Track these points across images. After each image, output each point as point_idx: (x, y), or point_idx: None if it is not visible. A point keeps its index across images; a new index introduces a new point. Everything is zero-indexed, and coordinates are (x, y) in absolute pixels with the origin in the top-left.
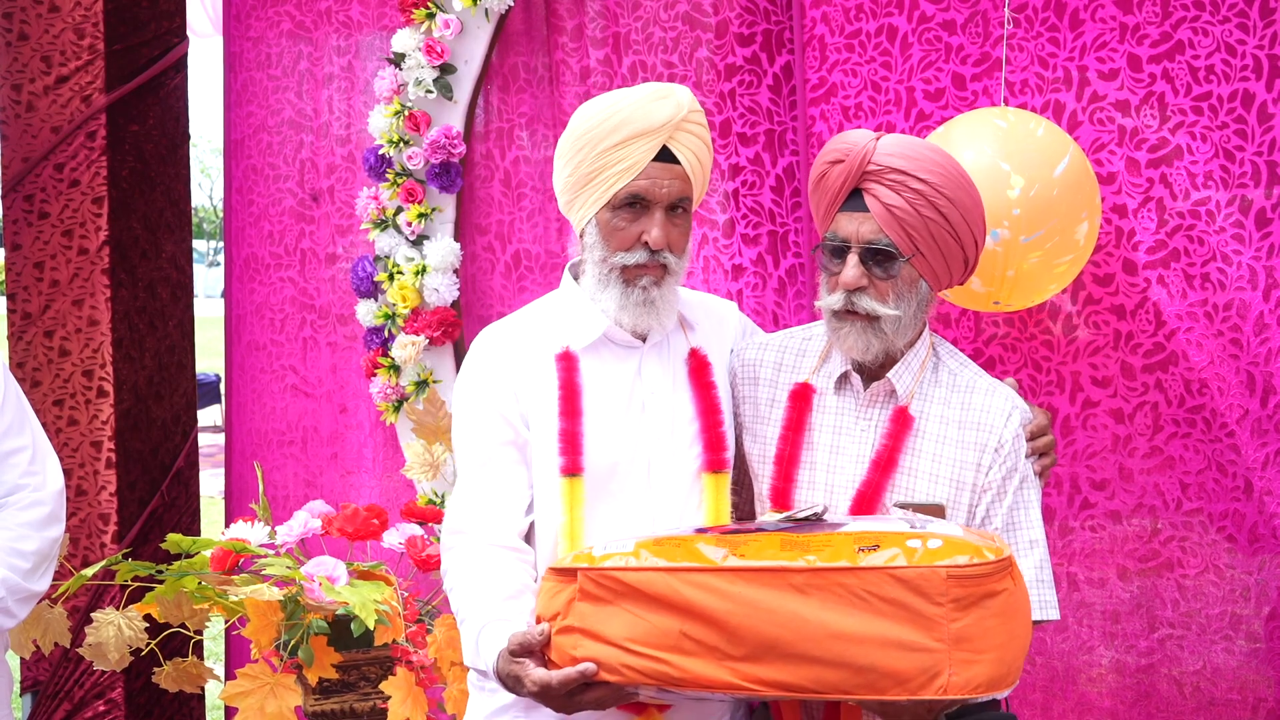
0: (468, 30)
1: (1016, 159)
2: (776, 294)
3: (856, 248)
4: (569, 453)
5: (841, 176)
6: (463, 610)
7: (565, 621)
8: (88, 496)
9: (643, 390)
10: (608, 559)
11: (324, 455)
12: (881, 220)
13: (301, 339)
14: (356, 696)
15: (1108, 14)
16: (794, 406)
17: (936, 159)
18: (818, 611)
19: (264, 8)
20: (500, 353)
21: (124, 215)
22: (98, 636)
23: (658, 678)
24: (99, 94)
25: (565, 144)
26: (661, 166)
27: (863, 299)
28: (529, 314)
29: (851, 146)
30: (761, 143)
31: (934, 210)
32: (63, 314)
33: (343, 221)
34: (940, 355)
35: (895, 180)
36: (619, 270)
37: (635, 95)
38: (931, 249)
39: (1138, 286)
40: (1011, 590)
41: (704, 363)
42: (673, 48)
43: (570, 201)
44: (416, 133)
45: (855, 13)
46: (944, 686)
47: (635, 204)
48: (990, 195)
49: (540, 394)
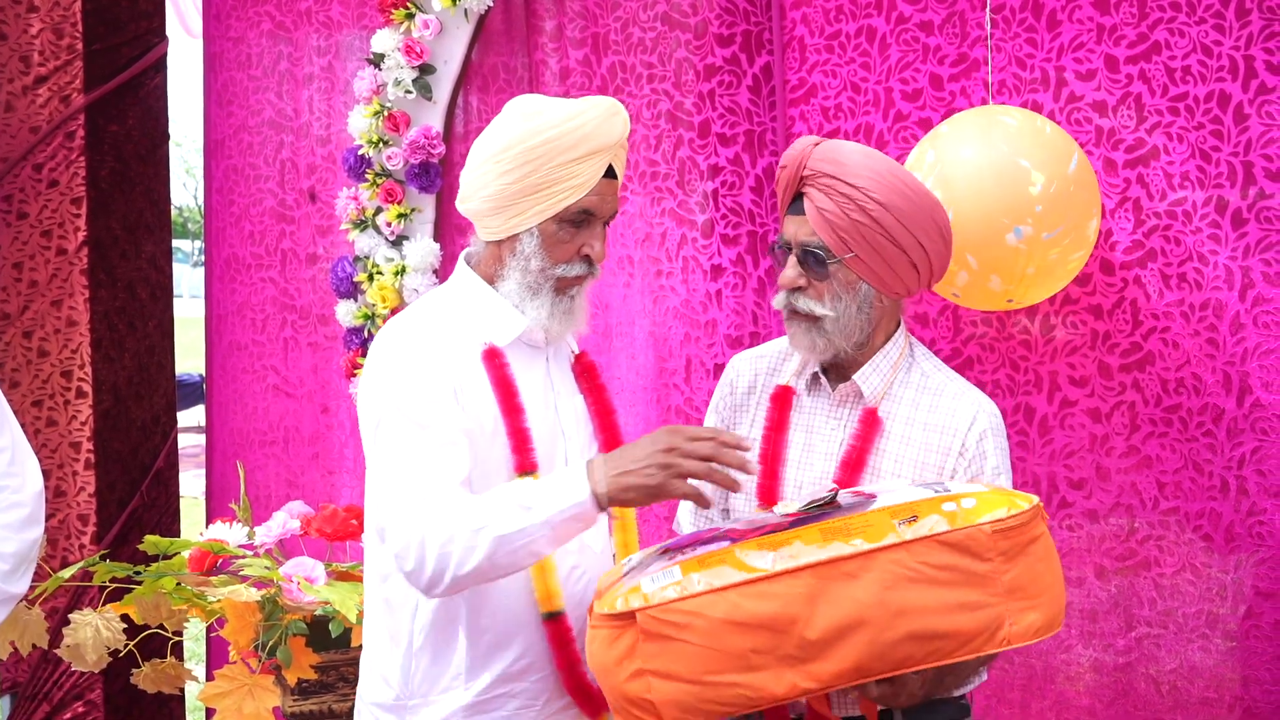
0: (447, 30)
1: (1034, 156)
2: (756, 294)
3: (795, 249)
4: (522, 450)
5: (785, 181)
6: (507, 507)
7: (634, 665)
8: (66, 497)
9: (552, 391)
10: (663, 592)
11: (305, 455)
12: (815, 223)
13: (282, 339)
14: (335, 697)
15: (1085, 15)
16: (775, 407)
17: (871, 165)
18: (877, 592)
19: (244, 8)
20: (429, 344)
21: (103, 215)
22: (76, 638)
23: (735, 703)
24: (78, 94)
25: (509, 150)
26: (607, 183)
27: (800, 299)
28: (436, 308)
29: (793, 152)
30: (741, 143)
31: (864, 214)
32: (41, 314)
33: (323, 222)
34: (915, 358)
35: (826, 184)
36: (554, 280)
37: (593, 110)
38: (867, 252)
39: (1115, 286)
40: (1046, 533)
41: (591, 365)
42: (652, 48)
43: (502, 208)
44: (396, 133)
45: (835, 14)
46: (1006, 637)
47: (583, 220)
48: (1012, 192)
49: (472, 392)
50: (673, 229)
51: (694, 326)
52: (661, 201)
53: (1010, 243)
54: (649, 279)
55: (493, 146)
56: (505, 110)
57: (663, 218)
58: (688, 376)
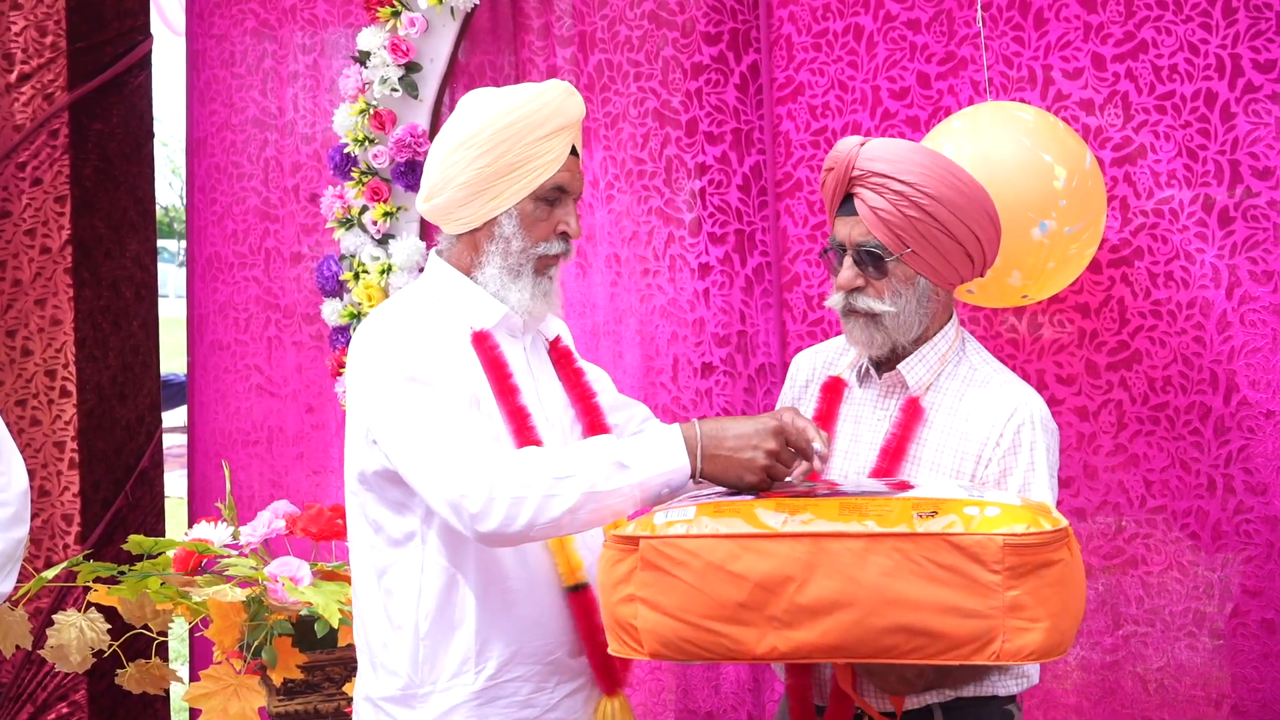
0: (433, 28)
1: (1055, 151)
2: (743, 292)
3: (850, 250)
4: (524, 431)
5: (834, 183)
6: (583, 456)
7: (628, 590)
8: (50, 497)
9: (533, 377)
10: (670, 526)
11: (290, 455)
12: (869, 223)
13: (266, 338)
14: (320, 697)
15: (1072, 13)
16: (825, 397)
17: (920, 160)
18: (874, 576)
19: (228, 5)
20: (419, 322)
21: (87, 214)
22: (59, 638)
23: (714, 651)
24: (61, 92)
25: (480, 134)
26: (574, 160)
27: (859, 298)
28: (415, 299)
29: (839, 154)
30: (728, 141)
31: (918, 210)
32: (25, 313)
33: (307, 220)
34: (966, 351)
35: (877, 183)
36: (535, 260)
37: (553, 90)
38: (923, 246)
39: (1102, 285)
40: (1068, 561)
41: (566, 351)
42: (639, 46)
43: (479, 193)
44: (382, 131)
45: (822, 12)
46: (997, 653)
47: (556, 196)
48: (1036, 186)
49: (463, 370)
50: (660, 227)
51: (681, 325)
52: (649, 200)
53: (1035, 237)
54: (636, 277)
55: (460, 134)
56: (462, 103)
57: (650, 216)
58: (675, 375)
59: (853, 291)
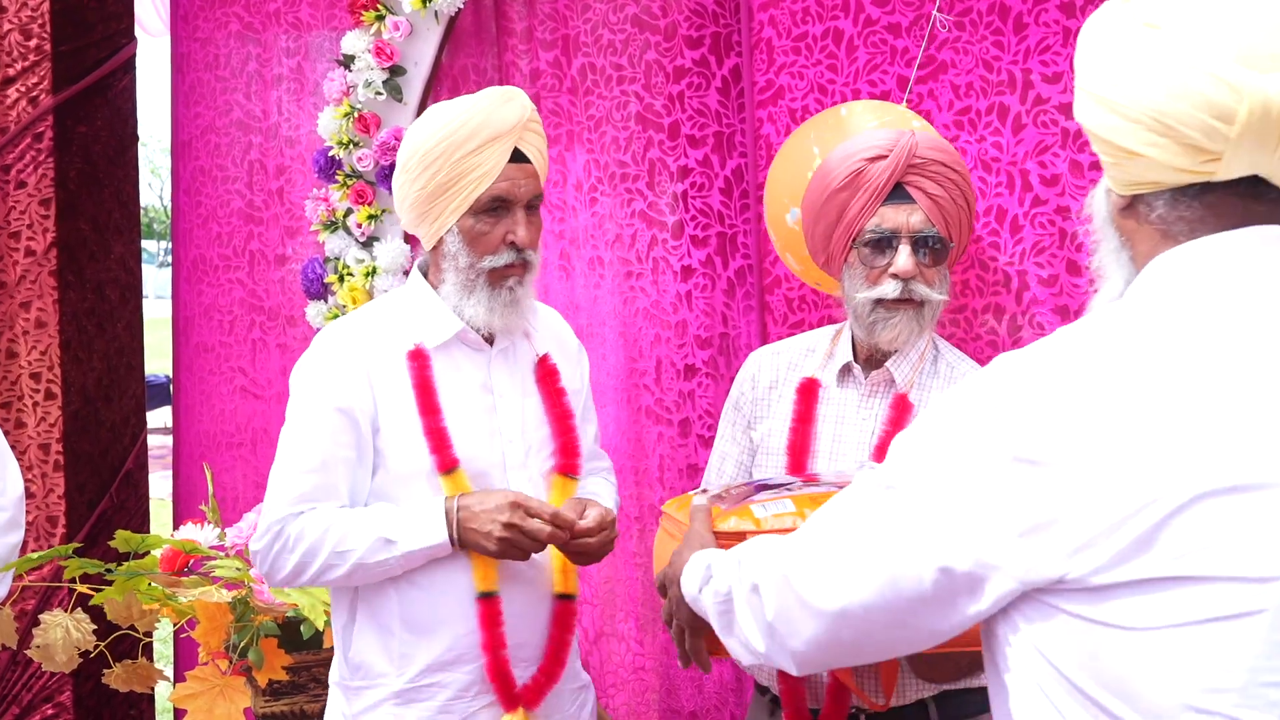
0: (417, 32)
1: (826, 143)
2: (725, 295)
3: (906, 238)
4: (441, 449)
5: (888, 170)
6: (360, 529)
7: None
8: (36, 499)
9: (491, 393)
10: (779, 519)
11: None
12: (929, 210)
13: (251, 340)
14: (307, 698)
15: (1051, 18)
16: (802, 400)
17: (955, 152)
18: None
19: (212, 9)
20: (352, 348)
21: (72, 217)
22: (45, 638)
23: None
24: (46, 95)
25: (413, 158)
26: (516, 167)
27: (918, 286)
28: (377, 310)
29: (893, 142)
30: (710, 145)
31: (964, 199)
32: (10, 316)
33: (292, 223)
34: (940, 349)
35: (937, 172)
36: (486, 274)
37: (482, 101)
38: (959, 235)
39: (1080, 288)
40: None
41: (552, 370)
42: (622, 50)
43: (423, 215)
44: (366, 134)
45: (802, 16)
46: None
47: (497, 207)
48: (795, 175)
49: (392, 391)
50: (643, 230)
51: (664, 327)
52: (631, 203)
53: (788, 223)
54: (619, 280)
55: (401, 158)
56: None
57: (633, 219)
58: (658, 377)
59: (908, 280)
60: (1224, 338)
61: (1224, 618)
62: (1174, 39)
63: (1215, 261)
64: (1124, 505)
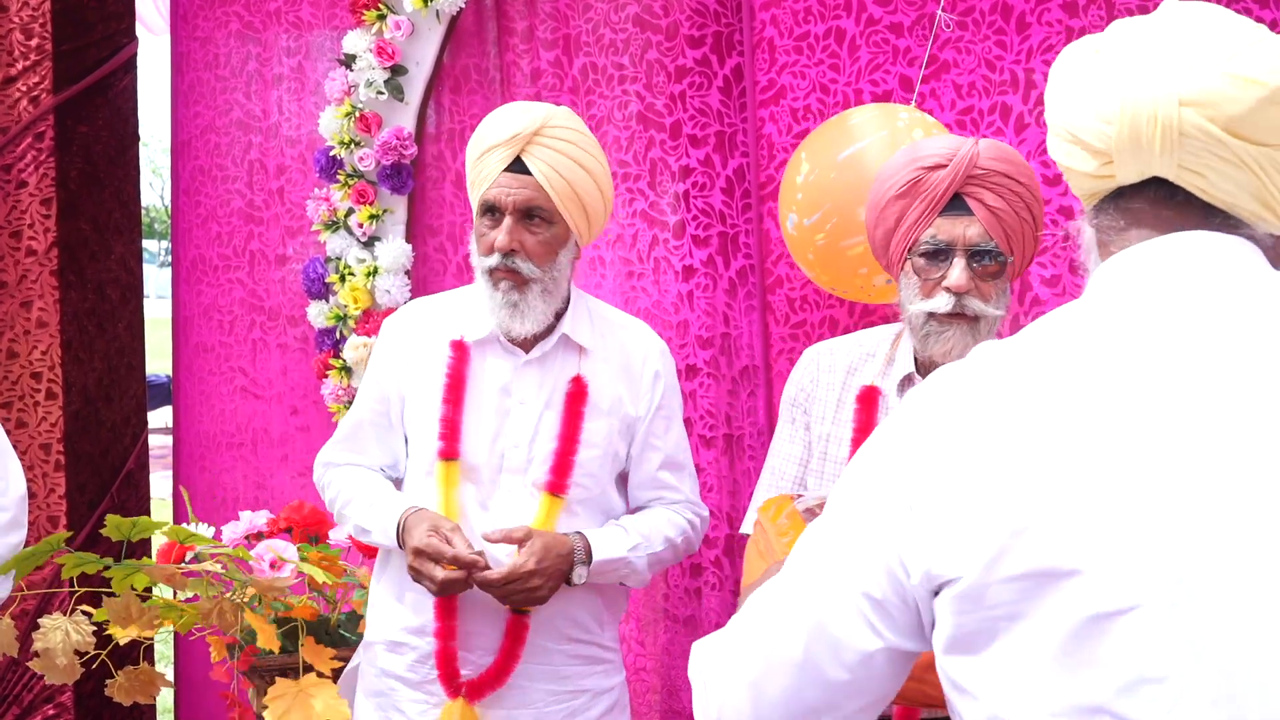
0: (419, 32)
1: (813, 146)
2: (727, 295)
3: (962, 250)
4: (448, 438)
5: (946, 180)
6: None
7: None
8: (37, 499)
9: (510, 396)
10: None
11: (275, 457)
12: (987, 223)
13: (251, 340)
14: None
15: (1054, 17)
16: (863, 409)
17: (1023, 162)
18: None
19: (211, 8)
20: (405, 330)
21: (73, 216)
22: (45, 642)
23: None
24: (47, 95)
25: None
26: (512, 176)
27: (972, 301)
28: (450, 297)
29: (953, 151)
30: (712, 144)
31: (1028, 211)
32: (11, 316)
33: (293, 223)
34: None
35: (998, 183)
36: (485, 274)
37: (500, 111)
38: (1021, 249)
39: (1081, 287)
40: None
41: (581, 389)
42: (623, 49)
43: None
44: (367, 134)
45: (804, 15)
46: None
47: (492, 212)
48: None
49: (427, 376)
50: (644, 230)
51: (666, 327)
52: (633, 203)
53: (788, 229)
54: (620, 280)
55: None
56: None
57: (634, 219)
58: None
59: (961, 295)
60: (1106, 362)
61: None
62: (1104, 60)
63: (1118, 278)
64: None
